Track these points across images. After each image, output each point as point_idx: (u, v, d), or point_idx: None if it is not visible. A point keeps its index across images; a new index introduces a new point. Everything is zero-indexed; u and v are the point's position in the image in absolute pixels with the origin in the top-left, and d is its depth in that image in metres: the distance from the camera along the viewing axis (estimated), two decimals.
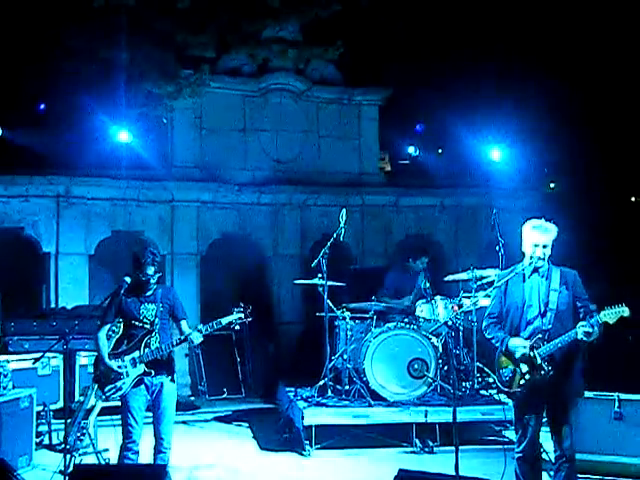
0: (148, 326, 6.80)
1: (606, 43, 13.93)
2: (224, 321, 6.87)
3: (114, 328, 7.26)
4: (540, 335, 5.99)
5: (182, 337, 6.81)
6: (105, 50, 11.78)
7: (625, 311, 5.76)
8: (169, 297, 6.98)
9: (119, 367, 6.69)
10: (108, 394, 6.73)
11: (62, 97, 12.14)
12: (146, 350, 6.71)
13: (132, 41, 11.68)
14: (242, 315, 6.88)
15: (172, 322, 7.01)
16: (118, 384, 6.68)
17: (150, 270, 6.78)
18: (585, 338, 5.79)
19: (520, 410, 6.13)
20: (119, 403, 6.85)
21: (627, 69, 14.02)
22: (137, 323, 6.81)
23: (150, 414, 6.82)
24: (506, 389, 6.12)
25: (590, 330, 5.78)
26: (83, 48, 11.66)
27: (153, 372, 6.72)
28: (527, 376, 6.00)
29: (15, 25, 11.56)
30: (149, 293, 6.90)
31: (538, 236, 6.14)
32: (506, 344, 6.07)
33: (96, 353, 6.95)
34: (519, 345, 6.02)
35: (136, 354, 6.72)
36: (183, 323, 6.98)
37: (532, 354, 5.94)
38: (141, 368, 6.70)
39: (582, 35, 13.97)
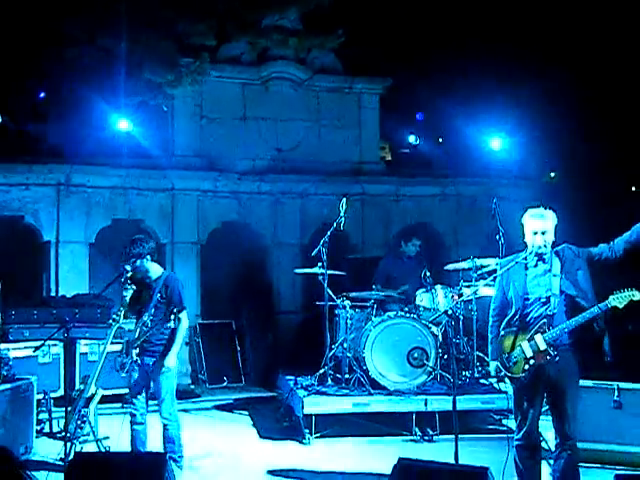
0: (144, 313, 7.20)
1: (606, 31, 13.89)
2: None
3: (114, 317, 7.40)
4: (545, 320, 5.99)
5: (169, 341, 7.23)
6: (105, 38, 11.76)
7: (636, 295, 5.75)
8: (167, 286, 7.27)
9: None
10: (121, 362, 7.26)
11: (62, 85, 12.12)
12: (140, 337, 7.15)
13: (132, 29, 11.64)
14: None
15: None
16: (127, 359, 7.21)
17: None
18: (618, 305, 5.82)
19: (520, 396, 6.14)
20: (118, 392, 7.19)
21: (627, 58, 13.98)
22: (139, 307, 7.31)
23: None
24: (510, 373, 6.12)
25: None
26: (83, 36, 11.64)
27: (144, 358, 7.20)
28: (532, 361, 6.00)
29: (15, 12, 11.52)
30: (152, 279, 7.28)
31: (536, 223, 6.16)
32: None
33: (95, 341, 7.25)
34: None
35: (134, 336, 7.19)
36: (181, 314, 7.25)
37: (539, 344, 5.95)
38: (135, 351, 7.19)
39: (582, 24, 13.93)
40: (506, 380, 6.39)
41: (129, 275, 7.26)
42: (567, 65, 13.95)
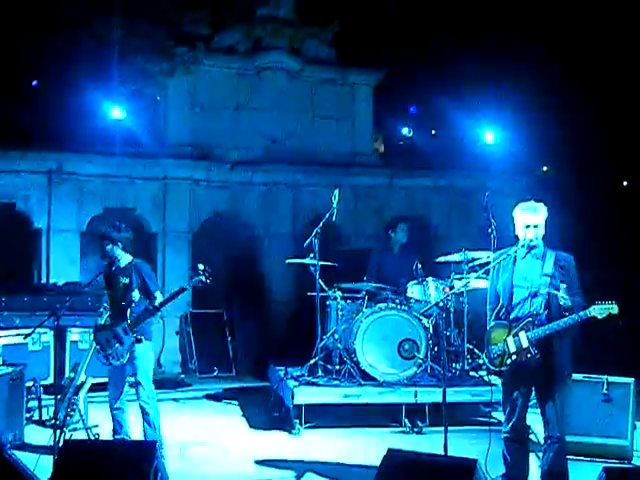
0: (121, 298, 7.31)
1: (603, 24, 13.90)
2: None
3: (105, 305, 7.45)
4: (530, 319, 6.02)
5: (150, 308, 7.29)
6: (99, 26, 11.70)
7: (614, 309, 5.83)
8: (139, 272, 7.38)
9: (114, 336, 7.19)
10: (110, 361, 7.23)
11: (55, 73, 12.06)
12: (135, 321, 7.15)
13: (127, 17, 11.60)
14: (203, 278, 7.38)
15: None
16: (119, 350, 7.14)
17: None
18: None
19: (508, 389, 6.17)
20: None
21: (623, 53, 14.00)
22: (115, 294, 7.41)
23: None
24: (493, 367, 6.16)
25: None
26: (77, 23, 11.58)
27: (135, 339, 7.18)
28: (514, 357, 6.02)
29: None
30: (122, 266, 7.41)
31: (528, 216, 6.17)
32: None
33: (86, 329, 7.25)
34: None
35: (125, 323, 7.15)
36: (157, 294, 7.40)
37: (522, 341, 5.98)
38: (132, 337, 7.14)
39: (578, 16, 13.95)
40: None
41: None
42: (561, 59, 13.97)
